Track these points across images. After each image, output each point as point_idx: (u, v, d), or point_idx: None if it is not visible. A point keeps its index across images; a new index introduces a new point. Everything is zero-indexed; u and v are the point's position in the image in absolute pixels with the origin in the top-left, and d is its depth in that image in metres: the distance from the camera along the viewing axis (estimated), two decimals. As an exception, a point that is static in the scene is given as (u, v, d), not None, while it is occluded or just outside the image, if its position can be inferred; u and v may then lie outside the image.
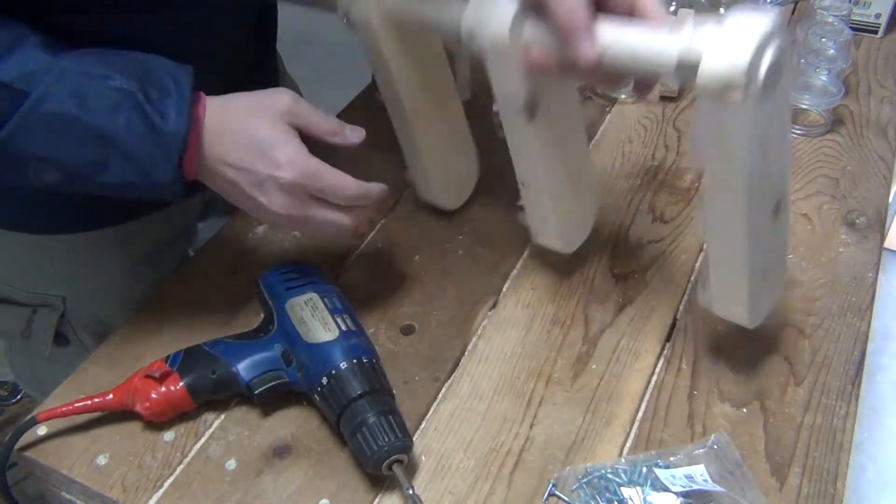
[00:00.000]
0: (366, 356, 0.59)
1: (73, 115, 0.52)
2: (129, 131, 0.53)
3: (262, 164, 0.56)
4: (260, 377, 0.59)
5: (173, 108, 0.54)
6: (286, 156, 0.56)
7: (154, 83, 0.54)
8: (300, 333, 0.60)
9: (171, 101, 0.54)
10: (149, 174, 0.55)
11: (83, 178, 0.55)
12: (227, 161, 0.57)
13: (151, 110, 0.53)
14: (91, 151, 0.54)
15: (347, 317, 0.61)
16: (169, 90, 0.54)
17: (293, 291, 0.63)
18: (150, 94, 0.54)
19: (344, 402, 0.56)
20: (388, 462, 0.54)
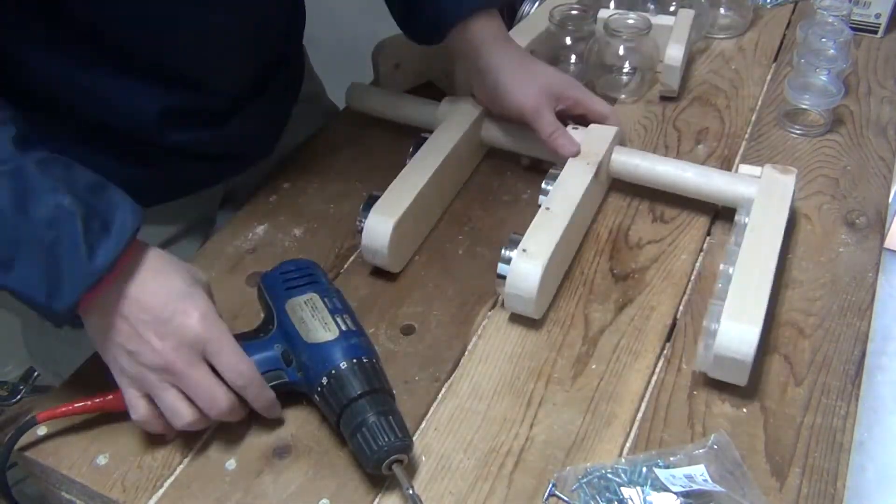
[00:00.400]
0: (366, 356, 0.59)
1: (5, 212, 0.51)
2: (52, 249, 0.52)
3: (177, 306, 0.56)
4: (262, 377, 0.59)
5: (104, 248, 0.53)
6: (200, 309, 0.57)
7: (101, 216, 0.54)
8: (300, 333, 0.60)
9: (106, 241, 0.54)
10: (47, 295, 0.53)
11: None
12: (140, 298, 0.56)
13: (83, 242, 0.53)
14: (3, 249, 0.52)
15: (347, 317, 0.61)
16: (110, 229, 0.54)
17: (293, 291, 0.62)
18: (90, 225, 0.53)
19: (344, 402, 0.56)
20: (388, 462, 0.54)
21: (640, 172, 0.78)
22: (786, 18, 1.10)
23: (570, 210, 0.70)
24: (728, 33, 1.06)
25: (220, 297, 0.71)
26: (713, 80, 0.98)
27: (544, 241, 0.67)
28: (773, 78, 0.99)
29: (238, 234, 0.78)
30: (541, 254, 0.65)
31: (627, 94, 0.95)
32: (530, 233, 0.68)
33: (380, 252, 0.70)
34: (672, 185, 0.78)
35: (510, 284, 0.65)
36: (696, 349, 0.65)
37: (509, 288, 0.65)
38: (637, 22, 0.92)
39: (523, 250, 0.66)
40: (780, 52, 1.04)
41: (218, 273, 0.74)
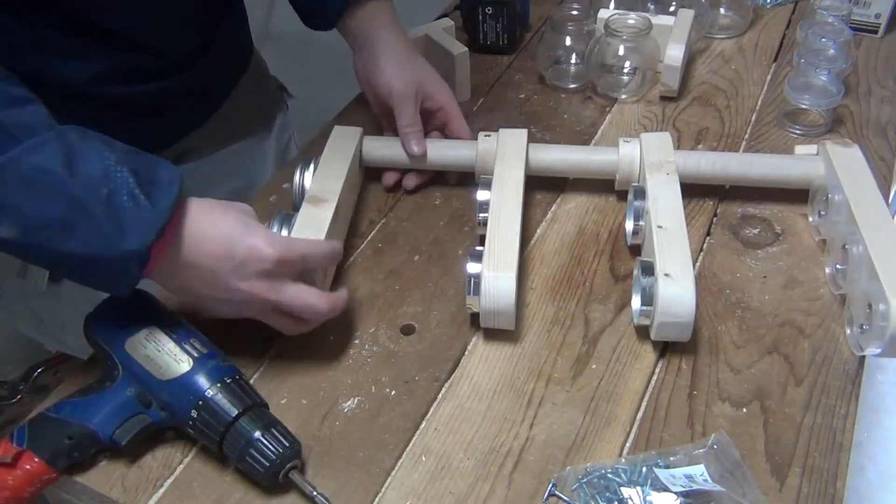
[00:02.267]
0: (228, 375, 0.57)
1: (58, 173, 0.52)
2: (109, 202, 0.53)
3: (245, 243, 0.58)
4: (122, 427, 0.57)
5: (161, 194, 0.55)
6: (265, 237, 0.59)
7: (146, 171, 0.56)
8: (151, 373, 0.57)
9: (160, 189, 0.55)
10: (117, 245, 0.53)
11: (41, 239, 0.53)
12: (206, 250, 0.58)
13: (138, 189, 0.54)
14: (62, 212, 0.52)
15: (195, 340, 0.59)
16: (159, 181, 0.56)
17: (129, 329, 0.59)
18: (140, 177, 0.55)
19: (222, 429, 0.55)
20: (283, 472, 0.55)
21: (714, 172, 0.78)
22: (786, 18, 1.10)
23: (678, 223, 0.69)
24: (728, 33, 1.06)
25: (220, 297, 0.71)
26: (713, 80, 0.98)
27: (681, 262, 0.64)
28: (773, 78, 0.99)
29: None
30: (685, 276, 0.63)
31: (627, 94, 0.95)
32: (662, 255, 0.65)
33: (505, 312, 0.65)
34: (742, 178, 0.79)
35: (662, 312, 0.62)
36: (853, 330, 0.65)
37: (661, 316, 0.62)
38: (637, 22, 0.92)
39: (666, 275, 0.63)
40: (780, 52, 1.04)
41: (218, 273, 0.74)
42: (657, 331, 0.64)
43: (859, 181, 0.72)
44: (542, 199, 0.82)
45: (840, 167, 0.74)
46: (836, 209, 0.71)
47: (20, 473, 0.55)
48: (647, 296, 0.64)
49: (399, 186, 0.83)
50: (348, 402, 0.62)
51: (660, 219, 0.69)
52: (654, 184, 0.73)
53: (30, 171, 0.52)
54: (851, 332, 0.65)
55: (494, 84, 0.99)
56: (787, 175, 0.78)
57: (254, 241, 0.58)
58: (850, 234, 0.67)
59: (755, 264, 0.73)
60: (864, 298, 0.63)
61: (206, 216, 0.58)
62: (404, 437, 0.60)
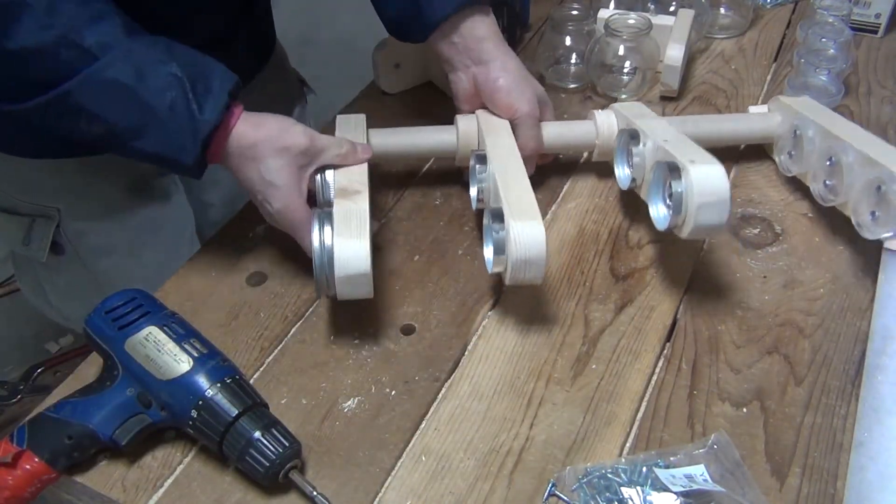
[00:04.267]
0: (228, 375, 0.57)
1: (130, 85, 0.61)
2: (172, 110, 0.62)
3: (261, 196, 0.68)
4: (121, 427, 0.57)
5: (210, 104, 0.63)
6: (279, 202, 0.67)
7: (203, 80, 0.63)
8: (151, 373, 0.57)
9: (210, 99, 0.63)
10: (175, 150, 0.63)
11: (122, 139, 0.63)
12: (238, 177, 0.68)
13: (193, 99, 0.62)
14: (135, 117, 0.62)
15: (195, 340, 0.59)
16: (212, 90, 0.63)
17: (128, 329, 0.59)
18: (196, 87, 0.63)
19: (222, 429, 0.55)
20: (283, 472, 0.55)
21: (687, 132, 0.78)
22: (786, 18, 1.10)
23: None
24: (728, 33, 1.06)
25: (220, 297, 0.71)
26: (713, 79, 0.98)
27: None
28: (773, 78, 0.99)
29: (238, 234, 0.78)
30: None
31: (628, 94, 0.95)
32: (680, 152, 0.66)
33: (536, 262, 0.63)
34: (712, 137, 0.82)
35: None
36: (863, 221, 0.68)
37: None
38: (637, 22, 0.92)
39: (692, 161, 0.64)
40: (780, 52, 1.04)
41: (218, 273, 0.74)
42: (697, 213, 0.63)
43: (823, 112, 0.79)
44: (542, 199, 0.82)
45: (801, 108, 0.80)
46: (809, 140, 0.77)
47: (20, 473, 0.55)
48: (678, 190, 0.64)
49: None
50: (348, 402, 0.62)
51: (662, 138, 0.70)
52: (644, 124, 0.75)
53: (107, 84, 0.61)
54: (861, 225, 0.69)
55: (494, 84, 0.99)
56: (751, 128, 0.84)
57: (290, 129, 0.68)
58: (834, 148, 0.73)
59: (755, 264, 0.73)
60: (869, 187, 0.67)
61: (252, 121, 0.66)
62: (404, 437, 0.60)
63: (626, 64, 0.93)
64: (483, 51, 0.77)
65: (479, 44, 0.76)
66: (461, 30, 0.76)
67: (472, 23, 0.76)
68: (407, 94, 0.98)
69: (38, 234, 0.85)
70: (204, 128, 0.63)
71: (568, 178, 0.84)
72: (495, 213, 0.65)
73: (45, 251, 0.86)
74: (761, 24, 1.09)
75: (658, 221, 0.68)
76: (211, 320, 0.69)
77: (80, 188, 0.84)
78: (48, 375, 1.58)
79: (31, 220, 0.85)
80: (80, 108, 0.62)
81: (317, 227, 0.63)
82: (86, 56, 0.60)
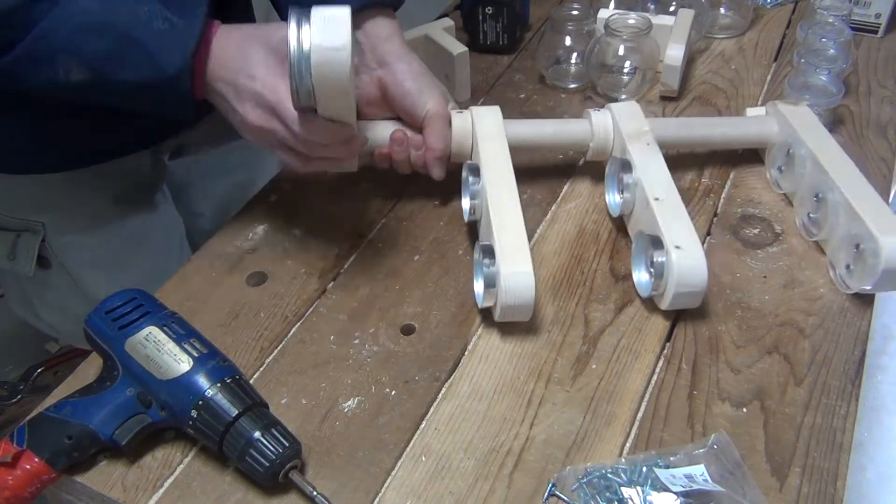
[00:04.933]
0: (228, 375, 0.57)
1: (98, 13, 0.60)
2: (148, 27, 0.61)
3: (243, 77, 0.64)
4: (122, 427, 0.57)
5: (190, 13, 0.62)
6: (262, 76, 0.63)
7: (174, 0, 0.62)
8: (151, 373, 0.57)
9: (189, 9, 0.62)
10: (163, 69, 0.61)
11: (104, 76, 0.62)
12: (220, 77, 0.64)
13: (171, 14, 0.62)
14: (111, 45, 0.61)
15: (195, 340, 0.59)
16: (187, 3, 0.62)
17: (128, 329, 0.59)
18: (169, 3, 0.62)
19: (222, 429, 0.55)
20: (283, 472, 0.55)
21: (680, 136, 0.81)
22: (786, 18, 1.10)
23: None
24: (728, 33, 1.06)
25: (220, 298, 0.71)
26: (713, 80, 0.98)
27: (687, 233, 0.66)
28: (773, 78, 0.99)
29: (238, 234, 0.78)
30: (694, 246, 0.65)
31: (628, 94, 0.95)
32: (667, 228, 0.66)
33: (523, 307, 0.65)
34: (706, 141, 0.83)
35: (679, 283, 0.64)
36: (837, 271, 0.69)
37: (677, 287, 0.64)
38: (637, 22, 0.92)
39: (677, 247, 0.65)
40: (780, 52, 1.04)
41: (218, 273, 0.74)
42: (671, 301, 0.65)
43: (818, 135, 0.77)
44: (542, 199, 0.82)
45: (797, 124, 0.79)
46: (801, 162, 0.76)
47: (20, 473, 0.55)
48: (659, 269, 0.65)
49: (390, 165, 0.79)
50: (348, 402, 0.62)
51: (655, 191, 0.70)
52: (637, 155, 0.74)
53: (76, 17, 0.60)
54: (836, 274, 0.70)
55: (494, 84, 0.99)
56: (745, 134, 0.83)
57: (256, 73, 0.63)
58: (822, 184, 0.72)
59: (755, 264, 0.73)
60: (848, 240, 0.68)
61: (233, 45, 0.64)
62: (404, 437, 0.60)
63: (626, 64, 0.93)
64: (387, 52, 0.74)
65: (383, 44, 0.75)
66: (364, 29, 0.74)
67: (374, 23, 0.75)
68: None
69: (23, 249, 0.85)
70: (190, 36, 0.62)
71: (568, 178, 0.84)
72: (486, 249, 0.66)
73: (31, 266, 0.85)
74: (761, 24, 1.09)
75: (640, 287, 0.70)
76: (211, 320, 0.69)
77: (65, 202, 0.84)
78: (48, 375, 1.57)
79: (16, 235, 0.85)
80: (54, 50, 0.60)
81: (293, 24, 0.57)
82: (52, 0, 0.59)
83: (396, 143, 0.76)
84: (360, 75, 0.76)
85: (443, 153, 0.76)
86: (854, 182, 0.71)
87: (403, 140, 0.76)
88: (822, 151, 0.75)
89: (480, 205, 0.72)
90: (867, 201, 0.69)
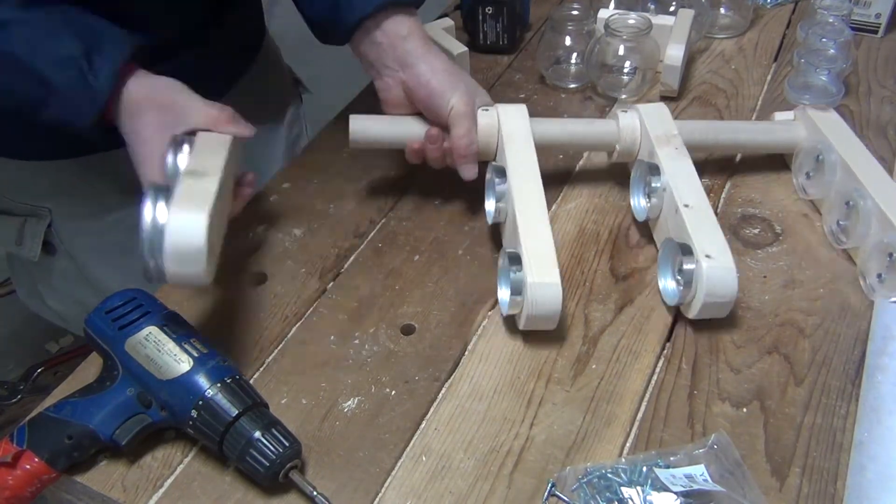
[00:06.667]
0: (228, 375, 0.57)
1: (24, 59, 0.63)
2: (67, 82, 0.63)
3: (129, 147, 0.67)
4: (122, 427, 0.57)
5: (104, 71, 0.64)
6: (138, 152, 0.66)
7: (97, 49, 0.64)
8: (152, 373, 0.57)
9: (106, 65, 0.64)
10: (78, 117, 0.65)
11: (29, 108, 0.65)
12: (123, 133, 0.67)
13: (88, 71, 0.63)
14: (35, 90, 0.64)
15: (195, 340, 0.59)
16: (107, 56, 0.64)
17: (128, 329, 0.59)
18: (91, 58, 0.63)
19: (222, 429, 0.55)
20: (283, 472, 0.55)
21: (706, 140, 0.81)
22: (786, 18, 1.10)
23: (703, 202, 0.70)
24: (728, 33, 1.06)
25: (220, 298, 0.71)
26: (713, 79, 0.98)
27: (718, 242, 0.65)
28: (773, 78, 0.99)
29: (238, 234, 0.78)
30: (724, 255, 0.64)
31: (628, 94, 0.95)
32: (698, 236, 0.66)
33: (552, 317, 0.64)
34: (734, 145, 0.82)
35: (709, 294, 0.63)
36: (868, 279, 0.69)
37: (707, 297, 0.63)
38: (637, 22, 0.92)
39: (707, 256, 0.64)
40: (780, 52, 1.04)
41: (218, 273, 0.74)
42: (700, 310, 0.64)
43: (848, 141, 0.77)
44: (542, 199, 0.82)
45: (827, 129, 0.78)
46: (831, 168, 0.75)
47: (20, 473, 0.55)
48: (688, 278, 0.65)
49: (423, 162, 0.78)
50: (348, 402, 0.62)
51: (684, 197, 0.69)
52: (666, 160, 0.73)
53: (3, 58, 0.63)
54: (866, 283, 0.69)
55: (494, 84, 0.99)
56: (774, 139, 0.83)
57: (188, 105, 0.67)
58: (853, 191, 0.71)
59: (755, 264, 0.73)
60: (881, 249, 0.67)
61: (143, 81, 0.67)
62: (404, 437, 0.60)
63: (626, 64, 0.93)
64: (407, 52, 0.73)
65: (403, 43, 0.73)
66: (384, 28, 0.73)
67: (393, 22, 0.73)
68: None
69: (29, 234, 0.86)
70: (100, 95, 0.64)
71: (568, 178, 0.84)
72: (512, 256, 0.65)
73: (36, 251, 0.86)
74: (761, 24, 1.09)
75: (665, 294, 0.69)
76: (211, 320, 0.69)
77: (71, 188, 0.84)
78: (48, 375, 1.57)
79: (22, 220, 0.86)
80: None
81: (150, 200, 0.56)
82: None
83: (431, 140, 0.75)
84: (384, 77, 0.76)
85: (467, 152, 0.74)
86: (887, 189, 0.70)
87: (438, 138, 0.75)
88: (854, 158, 0.74)
89: (506, 208, 0.71)
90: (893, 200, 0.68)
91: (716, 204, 0.80)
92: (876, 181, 0.71)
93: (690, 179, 0.71)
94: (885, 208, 0.68)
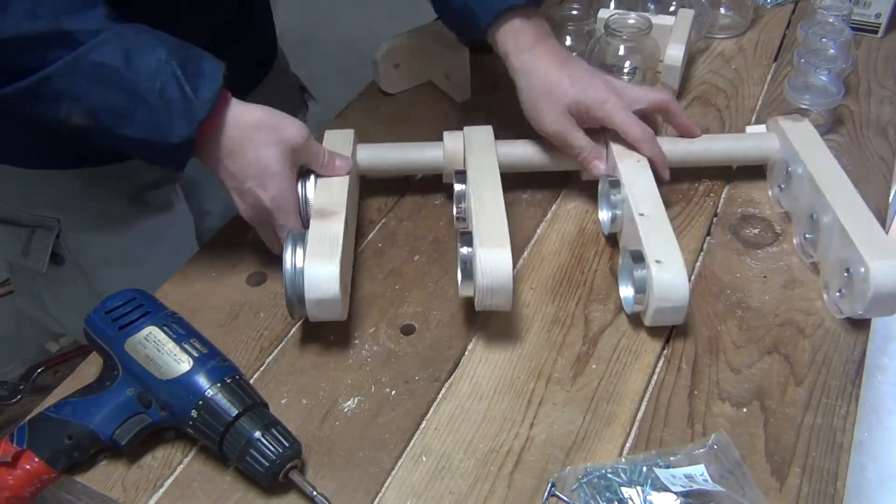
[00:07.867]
0: (228, 375, 0.57)
1: (117, 68, 0.60)
2: (162, 93, 0.61)
3: (254, 183, 0.66)
4: (122, 427, 0.57)
5: (205, 85, 0.62)
6: (275, 189, 0.67)
7: (193, 63, 0.63)
8: (151, 373, 0.57)
9: (204, 81, 0.62)
10: (166, 133, 0.62)
11: (107, 124, 0.62)
12: (227, 164, 0.66)
13: (185, 81, 0.61)
14: (122, 101, 0.61)
15: (195, 340, 0.59)
16: (204, 72, 0.63)
17: (128, 329, 0.59)
18: (187, 70, 0.62)
19: (222, 429, 0.55)
20: (283, 472, 0.55)
21: (678, 152, 0.80)
22: (786, 18, 1.10)
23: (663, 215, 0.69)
24: (728, 33, 1.06)
25: (220, 298, 0.71)
26: (713, 79, 0.98)
27: (669, 248, 0.65)
28: (773, 78, 0.99)
29: (238, 233, 0.78)
30: (674, 261, 0.64)
31: (627, 94, 0.94)
32: (649, 243, 0.65)
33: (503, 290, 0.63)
34: (705, 157, 0.81)
35: (659, 298, 0.63)
36: (830, 295, 0.68)
37: (657, 302, 0.63)
38: (637, 22, 0.92)
39: (657, 261, 0.64)
40: (780, 52, 1.04)
41: (218, 273, 0.74)
42: (652, 317, 0.64)
43: (817, 154, 0.75)
44: (542, 199, 0.82)
45: (796, 141, 0.77)
46: (798, 181, 0.74)
47: (20, 473, 0.55)
48: (639, 284, 0.65)
49: None
50: (348, 402, 0.62)
51: (640, 207, 0.69)
52: (626, 171, 0.74)
53: (93, 66, 0.59)
54: (829, 297, 0.68)
55: (495, 84, 0.99)
56: (745, 151, 0.81)
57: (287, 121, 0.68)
58: (817, 205, 0.70)
59: (755, 264, 0.73)
60: (839, 264, 0.66)
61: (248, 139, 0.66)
62: (404, 437, 0.60)
63: (626, 64, 0.93)
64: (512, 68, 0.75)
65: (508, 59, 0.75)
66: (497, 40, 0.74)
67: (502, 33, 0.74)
68: (407, 93, 0.98)
69: (37, 245, 0.85)
70: (200, 108, 0.62)
71: (568, 179, 0.84)
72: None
73: (44, 262, 0.85)
74: (761, 24, 1.09)
75: (625, 303, 0.69)
76: (211, 320, 0.69)
77: (80, 199, 0.84)
78: (48, 375, 1.58)
79: (30, 230, 0.85)
80: (60, 93, 0.60)
81: (290, 248, 0.63)
82: (70, 42, 0.59)
83: None
84: None
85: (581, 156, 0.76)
86: (849, 205, 0.68)
87: None
88: (820, 171, 0.72)
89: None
90: (861, 225, 0.66)
91: (716, 204, 0.80)
92: (839, 196, 0.69)
93: (648, 189, 0.71)
94: (846, 224, 0.66)
